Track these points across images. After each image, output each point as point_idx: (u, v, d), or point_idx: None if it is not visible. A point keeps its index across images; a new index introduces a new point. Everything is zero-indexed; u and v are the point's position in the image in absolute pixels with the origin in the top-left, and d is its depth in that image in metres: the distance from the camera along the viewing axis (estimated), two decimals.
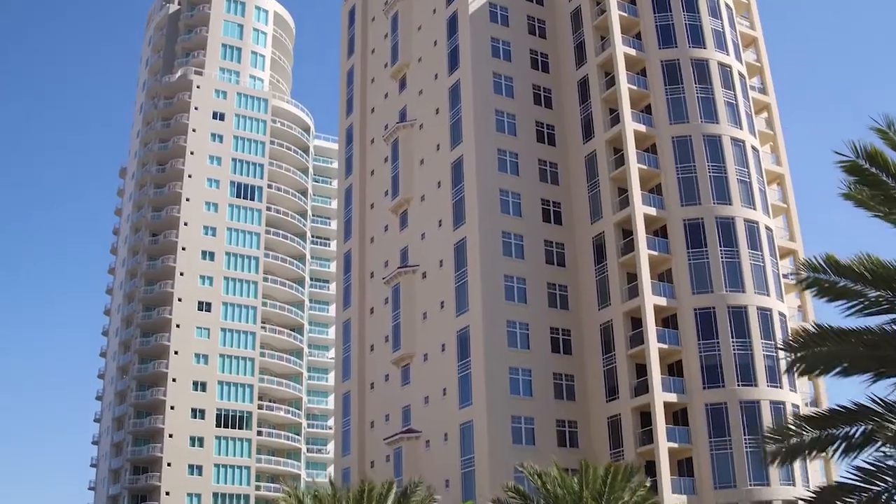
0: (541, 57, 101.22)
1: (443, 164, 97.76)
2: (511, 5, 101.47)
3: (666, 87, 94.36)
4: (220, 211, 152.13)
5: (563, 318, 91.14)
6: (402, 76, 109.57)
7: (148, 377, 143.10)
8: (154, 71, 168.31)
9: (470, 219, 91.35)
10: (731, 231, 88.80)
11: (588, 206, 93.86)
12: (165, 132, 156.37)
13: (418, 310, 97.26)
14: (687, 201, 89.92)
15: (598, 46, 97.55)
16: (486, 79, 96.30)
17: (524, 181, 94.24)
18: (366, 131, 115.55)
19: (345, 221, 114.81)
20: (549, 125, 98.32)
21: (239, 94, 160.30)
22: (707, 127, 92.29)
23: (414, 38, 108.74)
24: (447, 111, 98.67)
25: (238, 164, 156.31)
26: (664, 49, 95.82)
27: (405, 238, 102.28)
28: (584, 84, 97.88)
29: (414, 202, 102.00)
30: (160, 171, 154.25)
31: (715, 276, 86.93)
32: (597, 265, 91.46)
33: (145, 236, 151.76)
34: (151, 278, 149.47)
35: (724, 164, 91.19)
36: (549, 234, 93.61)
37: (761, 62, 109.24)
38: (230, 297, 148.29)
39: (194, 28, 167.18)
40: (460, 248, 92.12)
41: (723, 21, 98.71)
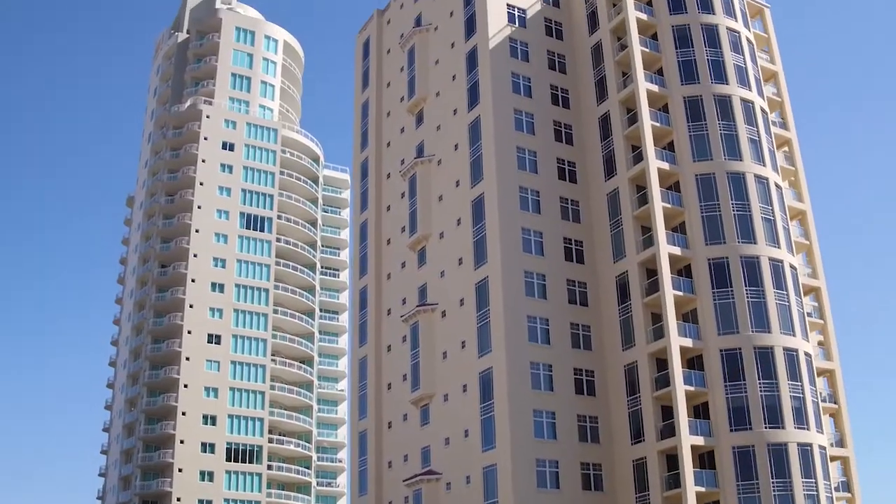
0: (561, 92, 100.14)
1: (462, 201, 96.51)
2: (531, 40, 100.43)
3: (689, 123, 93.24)
4: (229, 242, 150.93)
5: (586, 359, 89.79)
6: (419, 110, 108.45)
7: (157, 410, 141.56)
8: (162, 100, 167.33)
9: (492, 258, 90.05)
10: (756, 270, 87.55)
11: (611, 244, 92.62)
12: (174, 162, 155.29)
13: (438, 349, 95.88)
14: (711, 240, 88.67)
15: (619, 82, 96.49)
16: (508, 115, 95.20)
17: (546, 219, 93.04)
18: (381, 166, 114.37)
19: (360, 257, 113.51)
20: (570, 162, 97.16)
21: (248, 123, 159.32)
22: (730, 164, 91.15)
23: (431, 73, 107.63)
24: (467, 147, 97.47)
25: (248, 194, 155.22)
26: (686, 85, 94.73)
27: (423, 275, 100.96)
28: (605, 120, 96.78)
29: (432, 239, 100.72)
30: (169, 202, 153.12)
31: (741, 316, 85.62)
32: (620, 305, 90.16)
33: (154, 267, 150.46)
34: (160, 310, 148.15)
35: (748, 201, 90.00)
36: (572, 273, 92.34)
37: (781, 97, 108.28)
38: (240, 330, 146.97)
39: (203, 57, 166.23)
40: (482, 287, 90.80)
41: (744, 56, 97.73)
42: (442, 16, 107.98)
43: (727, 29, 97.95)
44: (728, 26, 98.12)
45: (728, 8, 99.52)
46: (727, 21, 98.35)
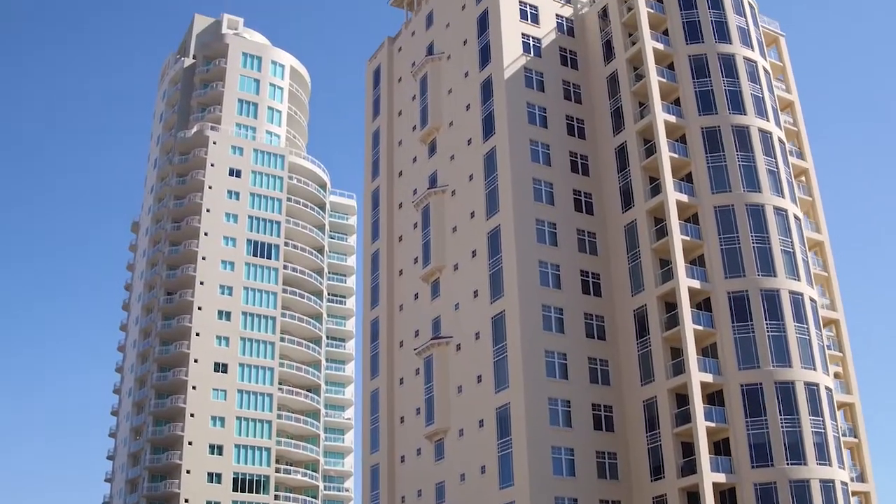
0: (577, 123, 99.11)
1: (478, 232, 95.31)
2: (546, 70, 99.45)
3: (707, 154, 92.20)
4: (236, 270, 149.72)
5: (605, 394, 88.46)
6: (432, 140, 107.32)
7: (163, 440, 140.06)
8: (168, 125, 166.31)
9: (509, 291, 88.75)
10: (777, 304, 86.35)
11: (629, 277, 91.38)
12: (181, 189, 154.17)
13: (453, 383, 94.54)
14: (731, 273, 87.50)
15: (636, 113, 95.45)
16: (524, 146, 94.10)
17: (563, 252, 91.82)
18: (393, 195, 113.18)
19: (371, 287, 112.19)
20: (586, 193, 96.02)
21: (255, 150, 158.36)
22: (749, 196, 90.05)
23: (444, 102, 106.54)
24: (482, 178, 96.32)
25: (255, 221, 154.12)
26: (704, 115, 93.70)
27: (437, 308, 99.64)
28: (622, 151, 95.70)
29: (446, 271, 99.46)
30: (175, 229, 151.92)
31: (761, 350, 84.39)
32: (639, 339, 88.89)
33: (160, 294, 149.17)
34: (166, 338, 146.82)
35: (768, 234, 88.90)
36: (590, 306, 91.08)
37: (797, 126, 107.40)
38: (247, 358, 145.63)
39: (210, 83, 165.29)
40: (498, 321, 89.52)
41: (761, 86, 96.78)
42: (455, 44, 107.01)
43: (744, 59, 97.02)
44: (745, 56, 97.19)
45: (744, 37, 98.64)
46: (744, 51, 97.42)
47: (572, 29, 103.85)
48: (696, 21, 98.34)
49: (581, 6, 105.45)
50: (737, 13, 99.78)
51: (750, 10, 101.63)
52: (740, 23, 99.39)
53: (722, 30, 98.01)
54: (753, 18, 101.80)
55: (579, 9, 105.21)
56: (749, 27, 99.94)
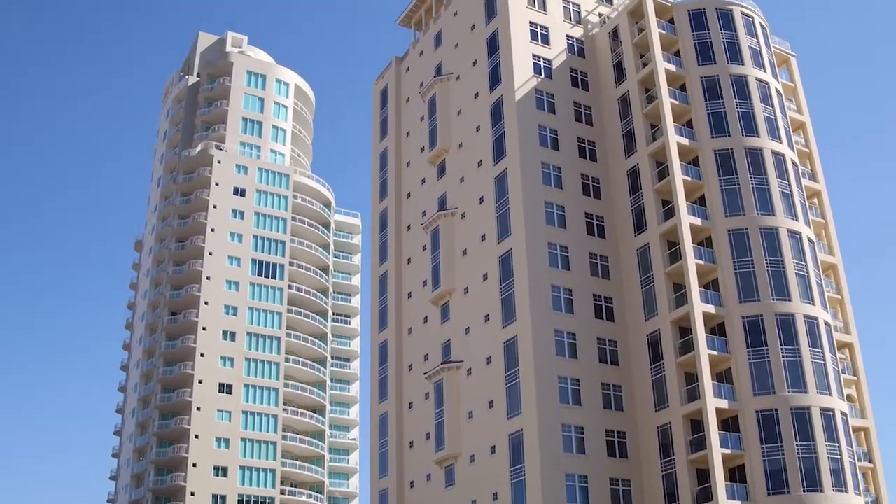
0: (588, 145, 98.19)
1: (489, 256, 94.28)
2: (557, 91, 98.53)
3: (720, 177, 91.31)
4: (241, 290, 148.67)
5: (619, 420, 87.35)
6: (441, 161, 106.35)
7: (166, 461, 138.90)
8: (172, 144, 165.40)
9: (521, 316, 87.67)
10: (792, 328, 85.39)
11: (642, 302, 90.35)
12: (185, 208, 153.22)
13: (463, 408, 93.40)
14: (745, 298, 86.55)
15: (648, 135, 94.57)
16: (535, 169, 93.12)
17: (575, 276, 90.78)
18: (401, 217, 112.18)
19: (379, 310, 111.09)
20: (598, 216, 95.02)
21: (260, 169, 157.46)
22: (763, 219, 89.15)
23: (454, 123, 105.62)
24: (493, 201, 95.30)
25: (259, 241, 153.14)
26: (717, 138, 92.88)
27: (447, 331, 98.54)
28: (634, 174, 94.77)
29: (456, 294, 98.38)
30: (179, 248, 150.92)
31: (776, 376, 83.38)
32: (653, 364, 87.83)
33: (164, 315, 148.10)
34: (170, 358, 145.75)
35: (782, 258, 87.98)
36: (602, 331, 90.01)
37: (809, 147, 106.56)
38: (252, 379, 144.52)
39: (214, 101, 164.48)
40: (510, 346, 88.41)
41: (774, 108, 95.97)
42: (464, 65, 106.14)
43: (756, 80, 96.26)
44: (757, 77, 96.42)
45: (757, 58, 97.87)
46: (756, 72, 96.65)
47: (583, 50, 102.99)
48: (707, 42, 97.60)
49: (591, 27, 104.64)
50: (749, 34, 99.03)
51: (762, 31, 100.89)
52: (752, 44, 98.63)
53: (734, 51, 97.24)
54: (765, 39, 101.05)
55: (589, 29, 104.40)
56: (761, 48, 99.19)
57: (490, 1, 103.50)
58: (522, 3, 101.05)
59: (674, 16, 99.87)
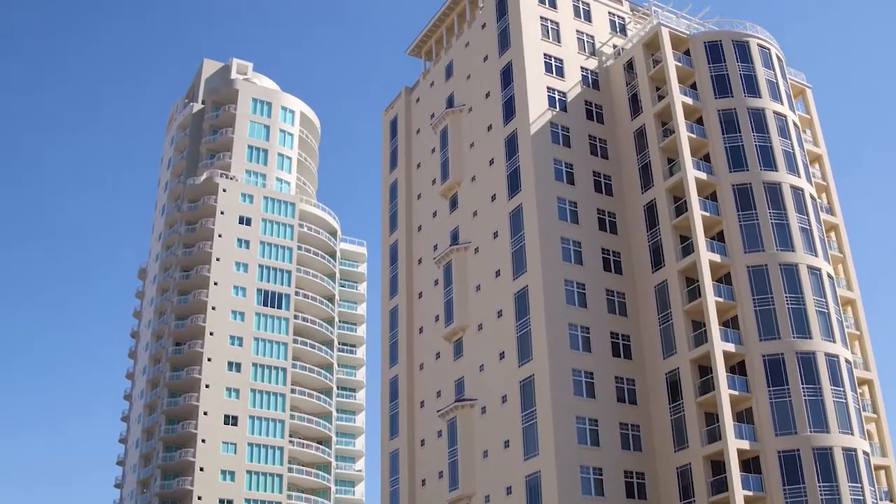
0: (604, 179, 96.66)
1: (503, 292, 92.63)
2: (572, 125, 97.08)
3: (739, 212, 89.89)
4: (246, 320, 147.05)
5: (638, 461, 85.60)
6: (453, 194, 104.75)
7: (171, 494, 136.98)
8: (177, 171, 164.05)
9: (538, 355, 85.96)
10: (813, 367, 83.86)
11: (660, 340, 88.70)
12: (190, 237, 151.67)
13: (478, 447, 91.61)
14: (766, 335, 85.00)
15: (665, 170, 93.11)
16: (551, 204, 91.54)
17: (592, 314, 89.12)
18: (412, 250, 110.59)
19: (390, 344, 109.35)
20: (615, 252, 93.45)
21: (266, 197, 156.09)
22: (783, 255, 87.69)
23: (466, 156, 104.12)
24: (508, 237, 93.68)
25: (265, 270, 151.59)
26: (735, 172, 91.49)
27: (460, 368, 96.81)
28: (651, 209, 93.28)
29: (470, 331, 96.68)
30: (184, 277, 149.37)
31: (798, 415, 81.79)
32: (672, 404, 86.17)
33: (168, 344, 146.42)
34: (175, 389, 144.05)
35: (802, 294, 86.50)
36: (620, 369, 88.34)
37: (826, 180, 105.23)
38: (257, 411, 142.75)
39: (219, 129, 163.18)
40: (527, 385, 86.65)
41: (792, 141, 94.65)
42: (476, 97, 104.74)
43: (774, 113, 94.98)
44: (775, 110, 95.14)
45: (774, 91, 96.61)
46: (773, 105, 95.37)
47: (597, 82, 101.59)
48: (724, 74, 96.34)
49: (606, 59, 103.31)
50: (765, 66, 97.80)
51: (778, 63, 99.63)
52: (769, 76, 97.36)
53: (751, 83, 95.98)
54: (781, 71, 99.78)
55: (604, 61, 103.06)
56: (778, 80, 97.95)
57: (503, 32, 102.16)
58: (537, 34, 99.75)
59: (690, 47, 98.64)
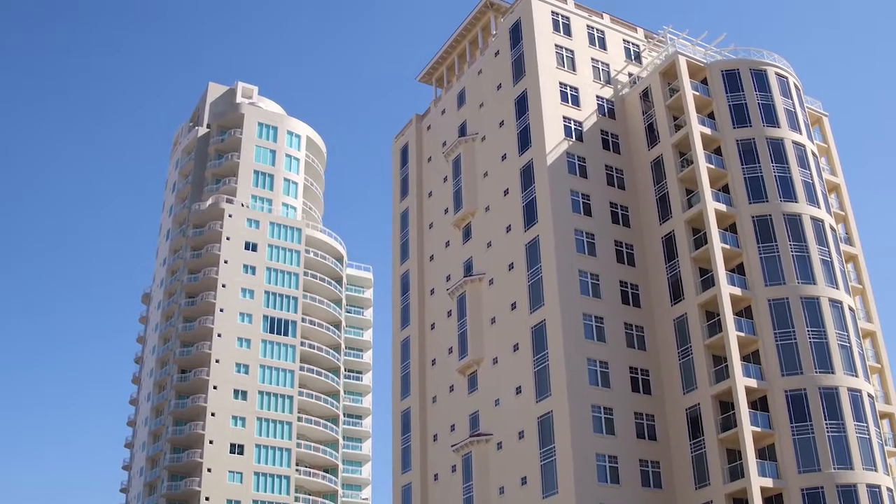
0: (621, 210, 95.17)
1: (519, 326, 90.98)
2: (589, 155, 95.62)
3: (759, 244, 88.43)
4: (252, 347, 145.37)
5: (658, 499, 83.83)
6: (467, 224, 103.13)
7: None
8: (182, 196, 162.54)
9: (556, 390, 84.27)
10: (836, 402, 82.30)
11: (680, 375, 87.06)
12: (196, 262, 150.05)
13: (493, 483, 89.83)
14: (788, 370, 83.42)
15: (684, 201, 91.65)
16: (568, 236, 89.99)
17: (611, 348, 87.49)
18: (424, 280, 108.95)
19: (402, 376, 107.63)
20: (633, 285, 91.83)
21: (272, 223, 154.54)
22: (804, 288, 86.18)
23: (480, 185, 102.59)
24: (524, 269, 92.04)
25: (271, 297, 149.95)
26: (755, 203, 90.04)
27: (475, 402, 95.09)
28: (669, 241, 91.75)
29: (485, 364, 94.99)
30: (190, 304, 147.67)
31: (822, 453, 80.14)
32: (692, 440, 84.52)
33: (173, 371, 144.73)
34: (180, 417, 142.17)
35: (824, 328, 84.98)
36: (640, 405, 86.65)
37: (844, 210, 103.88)
38: (264, 439, 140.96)
39: (225, 153, 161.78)
40: (545, 421, 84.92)
41: (811, 171, 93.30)
42: (490, 126, 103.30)
43: (793, 143, 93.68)
44: (793, 140, 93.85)
45: (792, 120, 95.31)
46: (792, 135, 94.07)
47: (613, 111, 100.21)
48: (742, 104, 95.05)
49: (621, 87, 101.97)
50: (783, 95, 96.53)
51: (796, 92, 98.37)
52: (787, 105, 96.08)
53: (769, 112, 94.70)
54: (799, 99, 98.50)
55: (619, 90, 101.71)
56: (796, 109, 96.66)
57: (518, 60, 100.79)
58: (552, 63, 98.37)
59: (707, 76, 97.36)
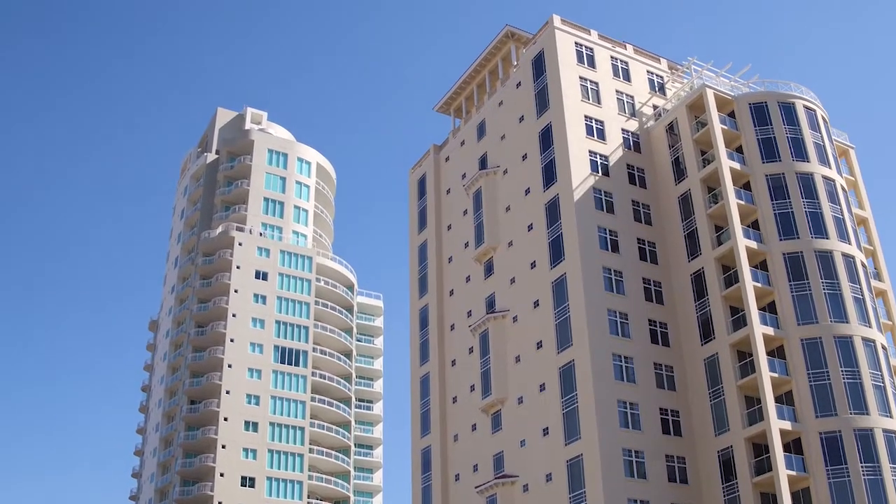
0: (648, 246, 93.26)
1: (546, 365, 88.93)
2: (615, 190, 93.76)
3: (790, 283, 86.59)
4: (263, 378, 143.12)
5: None
6: (489, 259, 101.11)
7: None
8: (190, 223, 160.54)
9: (586, 433, 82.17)
10: (871, 445, 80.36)
11: (711, 416, 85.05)
12: (205, 291, 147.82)
13: None
14: (822, 412, 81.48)
15: (713, 238, 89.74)
16: (596, 274, 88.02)
17: (641, 389, 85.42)
18: (444, 315, 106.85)
19: (421, 413, 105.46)
20: (661, 323, 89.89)
21: (282, 251, 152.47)
22: (837, 328, 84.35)
23: (502, 220, 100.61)
24: (550, 307, 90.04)
25: (282, 326, 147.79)
26: (785, 241, 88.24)
27: (499, 442, 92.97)
28: (699, 278, 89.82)
29: (509, 403, 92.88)
30: (199, 333, 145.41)
31: (858, 496, 78.26)
32: (725, 484, 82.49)
33: (183, 402, 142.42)
34: (190, 450, 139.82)
35: (858, 368, 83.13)
36: (672, 448, 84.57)
37: (873, 244, 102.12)
38: (275, 472, 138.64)
39: (234, 180, 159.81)
40: (575, 465, 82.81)
41: (841, 206, 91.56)
42: (512, 159, 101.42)
43: (822, 178, 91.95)
44: (823, 174, 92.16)
45: (821, 154, 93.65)
46: (822, 169, 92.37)
47: (638, 144, 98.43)
48: (771, 137, 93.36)
49: (646, 119, 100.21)
50: (812, 128, 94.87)
51: (824, 125, 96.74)
52: (816, 138, 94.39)
53: (798, 147, 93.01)
54: (827, 132, 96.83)
55: (644, 122, 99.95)
56: (824, 142, 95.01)
57: (541, 93, 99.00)
58: (577, 96, 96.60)
59: (734, 109, 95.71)
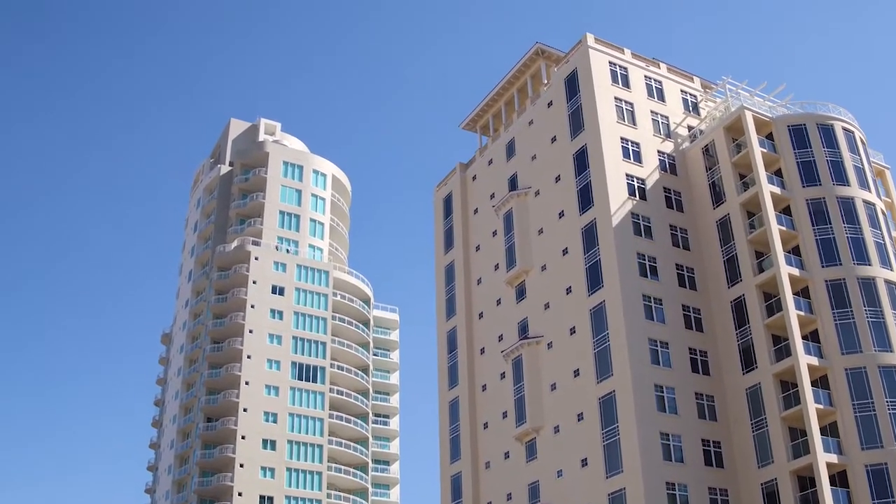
0: (686, 272, 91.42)
1: (584, 394, 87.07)
2: (653, 214, 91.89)
3: (833, 310, 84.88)
4: (280, 395, 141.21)
5: None
6: (521, 283, 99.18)
7: None
8: (204, 236, 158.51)
9: (629, 468, 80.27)
10: None
11: (754, 448, 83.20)
12: (220, 307, 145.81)
13: None
14: (868, 444, 79.79)
15: (754, 265, 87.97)
16: (637, 302, 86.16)
17: (683, 420, 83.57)
18: (473, 339, 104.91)
19: (451, 438, 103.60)
20: (701, 352, 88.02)
21: (299, 265, 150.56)
22: (882, 357, 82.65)
23: (534, 243, 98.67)
24: (588, 335, 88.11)
25: (299, 342, 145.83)
26: (828, 267, 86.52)
27: (534, 471, 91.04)
28: (739, 306, 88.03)
29: (545, 432, 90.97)
30: (216, 350, 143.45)
31: None
32: None
33: (199, 420, 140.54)
34: (206, 468, 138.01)
35: None
36: (714, 480, 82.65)
37: None
38: (293, 490, 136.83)
39: (249, 193, 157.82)
40: (617, 499, 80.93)
41: (882, 231, 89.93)
42: (544, 180, 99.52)
43: (863, 202, 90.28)
44: (864, 199, 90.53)
45: (861, 177, 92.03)
46: (862, 193, 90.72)
47: (674, 166, 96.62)
48: (811, 161, 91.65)
49: (681, 140, 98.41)
50: (851, 151, 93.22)
51: (862, 147, 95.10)
52: (855, 161, 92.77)
53: (838, 170, 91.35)
54: (866, 155, 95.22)
55: (679, 143, 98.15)
56: (864, 165, 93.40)
57: (575, 113, 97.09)
58: (612, 117, 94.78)
59: (773, 131, 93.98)
